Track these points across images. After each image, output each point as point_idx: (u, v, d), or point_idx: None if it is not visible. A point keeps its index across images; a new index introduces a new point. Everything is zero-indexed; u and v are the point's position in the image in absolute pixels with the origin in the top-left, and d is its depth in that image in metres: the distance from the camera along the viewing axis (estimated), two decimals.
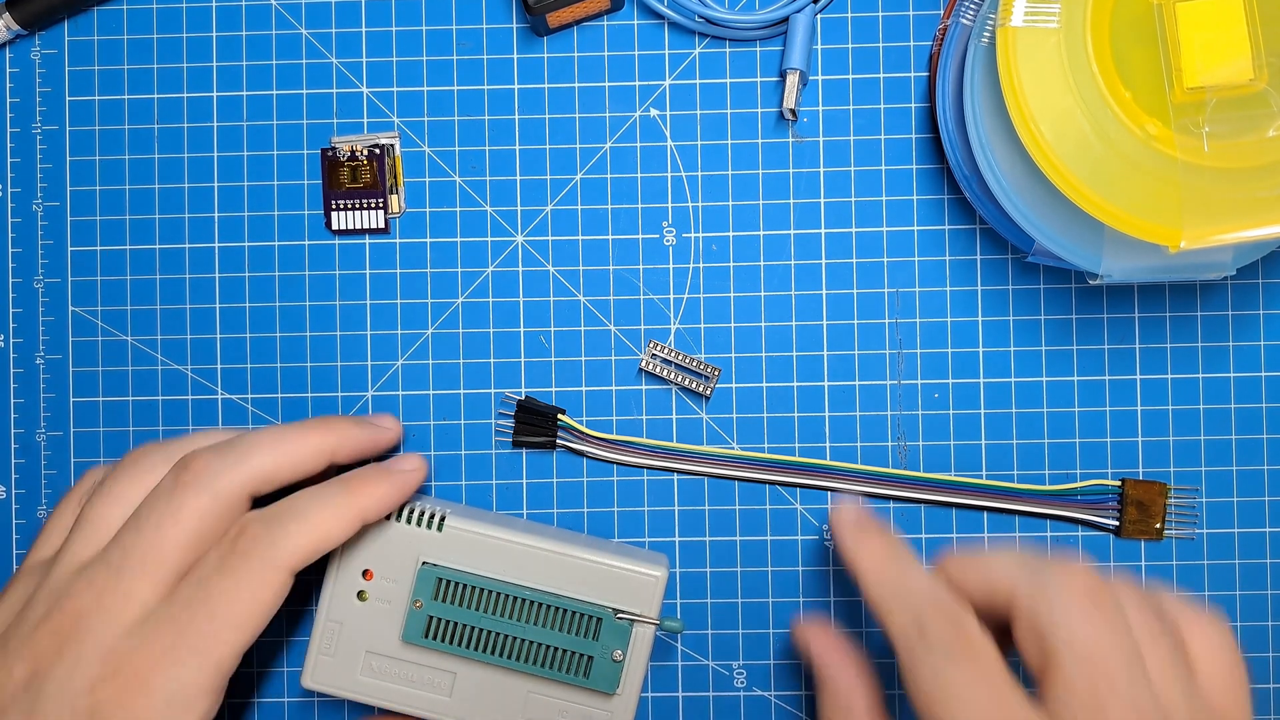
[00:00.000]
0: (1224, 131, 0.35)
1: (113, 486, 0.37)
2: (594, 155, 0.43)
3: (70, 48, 0.43)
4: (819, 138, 0.42)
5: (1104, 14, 0.36)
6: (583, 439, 0.42)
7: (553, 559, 0.38)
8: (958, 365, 0.42)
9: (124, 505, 0.36)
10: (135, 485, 0.37)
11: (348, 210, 0.42)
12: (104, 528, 0.36)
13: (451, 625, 0.38)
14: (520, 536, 0.38)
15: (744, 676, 0.42)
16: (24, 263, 0.43)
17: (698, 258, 0.42)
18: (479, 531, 0.38)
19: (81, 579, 0.35)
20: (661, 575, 0.38)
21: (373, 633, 0.38)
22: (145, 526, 0.35)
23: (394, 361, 0.43)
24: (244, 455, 0.36)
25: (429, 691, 0.38)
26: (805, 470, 0.42)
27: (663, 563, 0.39)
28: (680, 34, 0.43)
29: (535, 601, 0.38)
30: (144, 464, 0.37)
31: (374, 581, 0.38)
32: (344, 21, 0.43)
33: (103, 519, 0.36)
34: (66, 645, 0.34)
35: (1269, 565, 0.42)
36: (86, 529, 0.36)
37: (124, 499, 0.37)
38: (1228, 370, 0.42)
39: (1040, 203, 0.38)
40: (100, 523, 0.36)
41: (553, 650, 0.38)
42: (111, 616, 0.34)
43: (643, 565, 0.38)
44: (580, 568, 0.38)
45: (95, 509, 0.37)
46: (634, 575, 0.38)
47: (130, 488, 0.37)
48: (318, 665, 0.38)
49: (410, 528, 0.38)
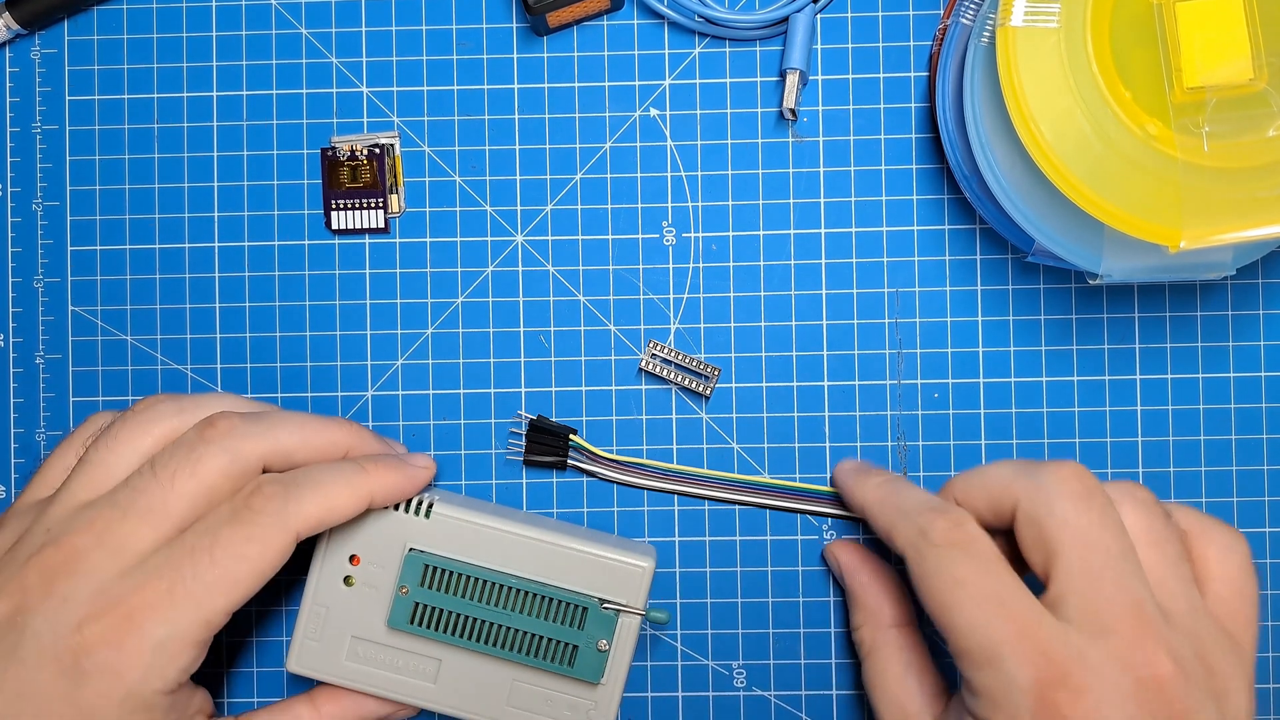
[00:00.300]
0: (1224, 131, 0.35)
1: (121, 430, 0.37)
2: (594, 155, 0.43)
3: (70, 47, 0.43)
4: (819, 138, 0.42)
5: (1104, 14, 0.36)
6: (594, 460, 0.42)
7: (540, 548, 0.38)
8: (958, 365, 0.42)
9: (132, 451, 0.36)
10: (146, 433, 0.37)
11: (348, 210, 0.42)
12: (108, 471, 0.36)
13: (437, 612, 0.38)
14: (508, 525, 0.38)
15: (744, 676, 0.42)
16: (24, 262, 0.43)
17: (698, 258, 0.42)
18: (466, 519, 0.38)
19: (82, 517, 0.35)
20: (648, 566, 0.38)
21: (359, 618, 0.38)
22: (161, 473, 0.35)
23: (394, 361, 0.43)
24: (270, 426, 0.36)
25: (414, 678, 0.39)
26: (809, 497, 0.42)
27: (650, 554, 0.39)
28: (680, 34, 0.42)
29: (521, 590, 0.38)
30: (157, 411, 0.37)
31: (361, 567, 0.38)
32: (344, 21, 0.43)
33: (107, 462, 0.36)
34: (57, 581, 0.34)
35: (1269, 565, 0.42)
36: (90, 470, 0.36)
37: (133, 444, 0.36)
38: (1228, 370, 0.42)
39: (1040, 203, 0.38)
40: (105, 465, 0.36)
41: (538, 639, 0.38)
42: (110, 556, 0.34)
43: (630, 556, 0.38)
44: (567, 557, 0.38)
45: (101, 451, 0.36)
46: (621, 565, 0.38)
47: (140, 435, 0.37)
48: (303, 649, 0.38)
49: (398, 514, 0.38)
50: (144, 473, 0.35)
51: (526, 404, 0.43)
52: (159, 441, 0.37)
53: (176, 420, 0.37)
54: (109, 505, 0.35)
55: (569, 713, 0.39)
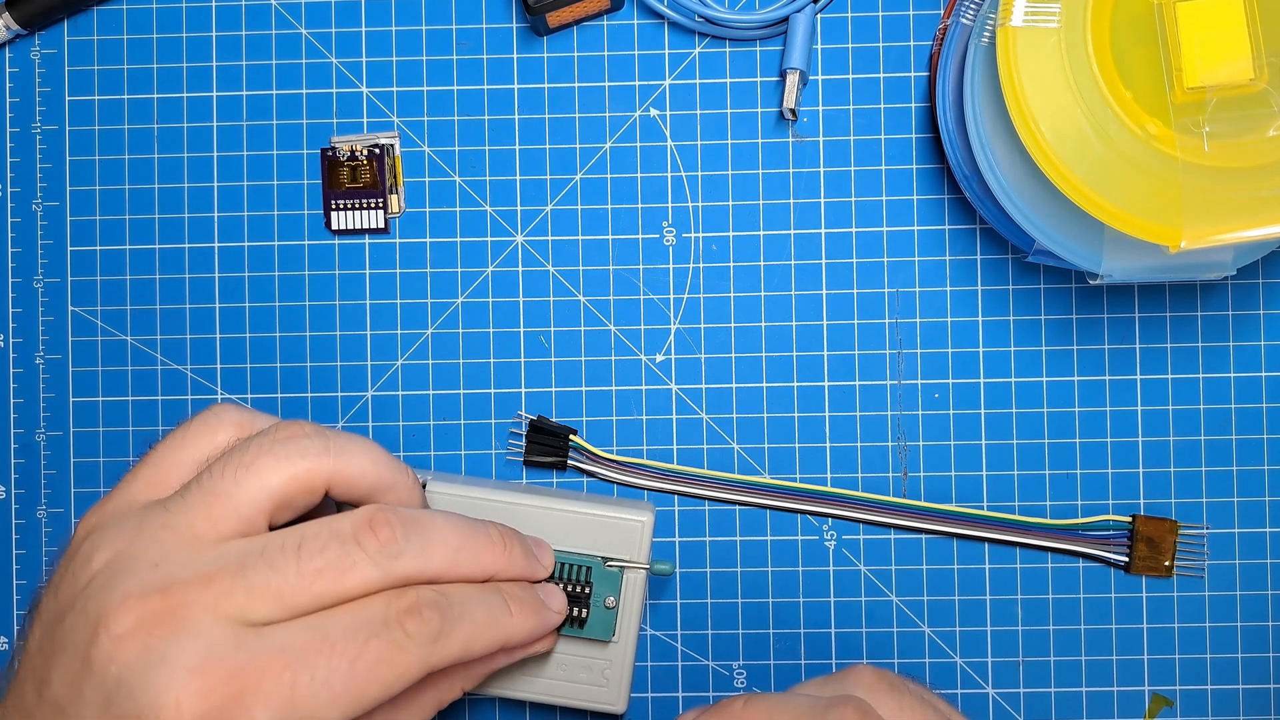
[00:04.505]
0: (1224, 131, 0.35)
1: (257, 459, 0.33)
2: (594, 155, 0.43)
3: (70, 48, 0.43)
4: (819, 138, 0.42)
5: (1104, 14, 0.36)
6: (594, 460, 0.42)
7: (536, 513, 0.38)
8: (958, 365, 0.42)
9: (259, 486, 0.32)
10: (277, 469, 0.33)
11: (347, 210, 0.42)
12: (234, 504, 0.32)
13: None
14: (502, 494, 0.39)
15: (744, 676, 0.42)
16: (24, 263, 0.43)
17: (698, 258, 0.42)
18: (460, 493, 0.38)
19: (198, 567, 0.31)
20: (648, 519, 0.38)
21: None
22: (305, 566, 0.31)
23: (394, 361, 0.43)
24: (426, 545, 0.33)
25: None
26: (809, 497, 0.42)
27: (649, 509, 0.39)
28: (680, 34, 0.42)
29: None
30: (300, 446, 0.33)
31: None
32: (344, 21, 0.43)
33: (232, 494, 0.32)
34: (157, 630, 0.30)
35: (1269, 565, 0.42)
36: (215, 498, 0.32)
37: (261, 479, 0.32)
38: (1228, 370, 0.42)
39: (1040, 203, 0.38)
40: (230, 497, 0.32)
41: None
42: (221, 622, 0.30)
43: (628, 511, 0.38)
44: (565, 519, 0.38)
45: (224, 482, 0.32)
46: (620, 521, 0.38)
47: (272, 470, 0.33)
48: None
49: None
50: (287, 551, 0.31)
51: (526, 404, 0.43)
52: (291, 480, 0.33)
53: (320, 458, 0.33)
54: (236, 572, 0.31)
55: (584, 674, 0.39)
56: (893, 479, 0.42)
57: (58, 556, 0.34)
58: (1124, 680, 0.42)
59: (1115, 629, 0.42)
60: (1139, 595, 0.42)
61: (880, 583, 0.42)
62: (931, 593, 0.42)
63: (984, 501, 0.42)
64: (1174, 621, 0.42)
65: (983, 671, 0.42)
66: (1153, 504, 0.42)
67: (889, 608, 0.42)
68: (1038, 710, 0.42)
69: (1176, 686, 0.42)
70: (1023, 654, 0.42)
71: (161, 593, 0.30)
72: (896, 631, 0.42)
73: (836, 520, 0.42)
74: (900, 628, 0.42)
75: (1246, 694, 0.41)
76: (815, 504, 0.42)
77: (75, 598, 0.31)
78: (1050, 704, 0.42)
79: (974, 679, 0.42)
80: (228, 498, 0.32)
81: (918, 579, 0.42)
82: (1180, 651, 0.42)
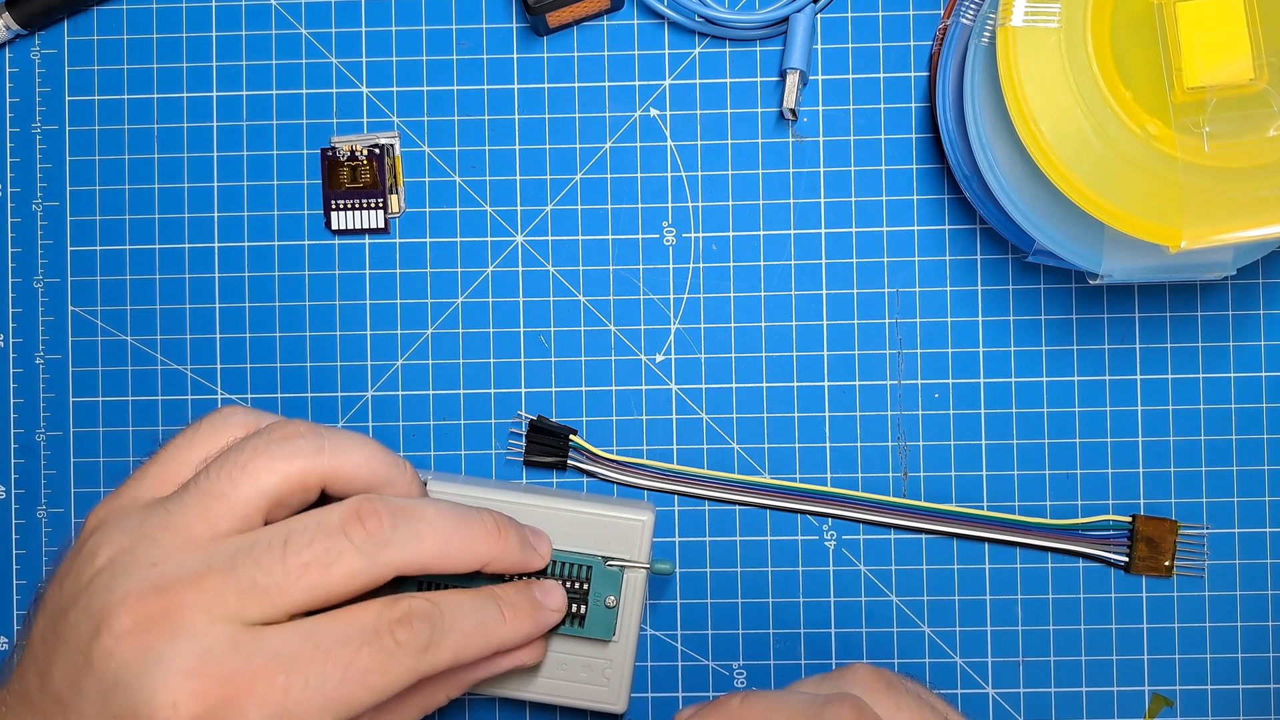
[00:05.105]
0: (1224, 131, 0.35)
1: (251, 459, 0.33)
2: (594, 155, 0.43)
3: (70, 48, 0.43)
4: (819, 138, 0.42)
5: (1104, 14, 0.36)
6: (594, 460, 0.42)
7: (536, 513, 0.38)
8: (958, 365, 0.42)
9: (265, 476, 0.32)
10: (272, 470, 0.33)
11: (347, 210, 0.42)
12: (230, 505, 0.32)
13: (440, 587, 0.38)
14: (502, 494, 0.38)
15: (744, 676, 0.42)
16: (24, 263, 0.43)
17: (698, 258, 0.42)
18: (460, 493, 0.38)
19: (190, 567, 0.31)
20: (648, 519, 0.38)
21: None
22: (291, 560, 0.31)
23: (394, 361, 0.43)
24: (415, 535, 0.33)
25: None
26: (809, 497, 0.42)
27: (649, 508, 0.39)
28: (680, 34, 0.42)
29: None
30: (295, 446, 0.33)
31: None
32: (344, 21, 0.43)
33: (228, 495, 0.33)
34: (153, 631, 0.30)
35: (1269, 565, 0.42)
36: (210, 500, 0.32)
37: (256, 481, 0.32)
38: (1228, 370, 0.42)
39: (1040, 203, 0.38)
40: (224, 498, 0.32)
41: None
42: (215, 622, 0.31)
43: (628, 511, 0.38)
44: (566, 519, 0.38)
45: (221, 483, 0.33)
46: (620, 521, 0.38)
47: (269, 470, 0.33)
48: None
49: None
50: (274, 548, 0.31)
51: (526, 404, 0.43)
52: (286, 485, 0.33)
53: (312, 457, 0.33)
54: (227, 572, 0.31)
55: (585, 673, 0.39)
56: (893, 479, 0.42)
57: (64, 550, 0.34)
58: (1124, 680, 0.42)
59: (1115, 629, 0.42)
60: (1139, 595, 0.42)
61: (880, 583, 0.42)
62: (931, 593, 0.42)
63: (984, 501, 0.42)
64: (1174, 621, 0.42)
65: (983, 671, 0.42)
66: (1153, 504, 0.42)
67: (889, 608, 0.42)
68: (1038, 710, 0.42)
69: (1176, 686, 0.42)
70: (1023, 654, 0.42)
71: (159, 593, 0.30)
72: (896, 631, 0.42)
73: (836, 520, 0.42)
74: (900, 628, 0.42)
75: (1246, 694, 0.41)
76: (815, 504, 0.42)
77: (79, 593, 0.32)
78: (1050, 704, 0.42)
79: (974, 679, 0.42)
80: (223, 498, 0.32)
81: (918, 579, 0.42)
82: (1180, 651, 0.42)
